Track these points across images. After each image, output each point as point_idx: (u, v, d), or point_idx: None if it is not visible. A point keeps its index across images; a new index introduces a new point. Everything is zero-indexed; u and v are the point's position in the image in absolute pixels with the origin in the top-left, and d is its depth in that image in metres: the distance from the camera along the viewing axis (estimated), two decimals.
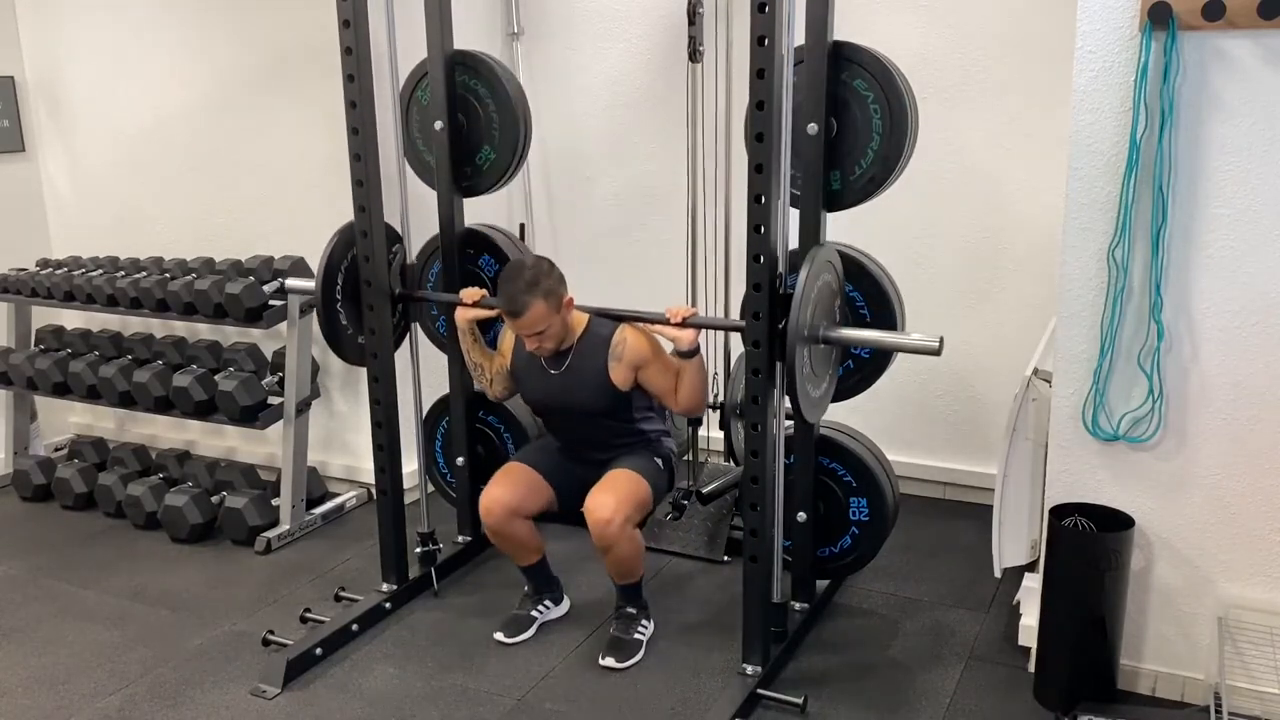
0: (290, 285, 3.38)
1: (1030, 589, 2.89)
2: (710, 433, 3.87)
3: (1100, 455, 2.61)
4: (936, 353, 2.54)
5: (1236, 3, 2.25)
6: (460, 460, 3.49)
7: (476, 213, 3.40)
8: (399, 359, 3.20)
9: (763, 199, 2.45)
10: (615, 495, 2.83)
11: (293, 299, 3.72)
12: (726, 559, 3.50)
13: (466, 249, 3.35)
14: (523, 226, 4.21)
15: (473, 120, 3.24)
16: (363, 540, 3.74)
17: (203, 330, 4.29)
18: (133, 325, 4.38)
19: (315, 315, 3.87)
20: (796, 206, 2.73)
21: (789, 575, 2.99)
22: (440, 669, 2.95)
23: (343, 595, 3.26)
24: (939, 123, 3.48)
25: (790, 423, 2.96)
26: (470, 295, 3.05)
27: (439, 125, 3.19)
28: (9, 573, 3.62)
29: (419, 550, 3.33)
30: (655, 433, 3.08)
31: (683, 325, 2.78)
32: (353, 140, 2.97)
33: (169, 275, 3.99)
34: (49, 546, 3.82)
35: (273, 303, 3.76)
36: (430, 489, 3.55)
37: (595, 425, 3.00)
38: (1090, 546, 2.55)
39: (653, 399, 2.99)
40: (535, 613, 3.13)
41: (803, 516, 2.99)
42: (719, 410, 3.60)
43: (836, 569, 3.15)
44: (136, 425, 4.66)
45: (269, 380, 3.91)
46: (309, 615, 3.15)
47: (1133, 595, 2.63)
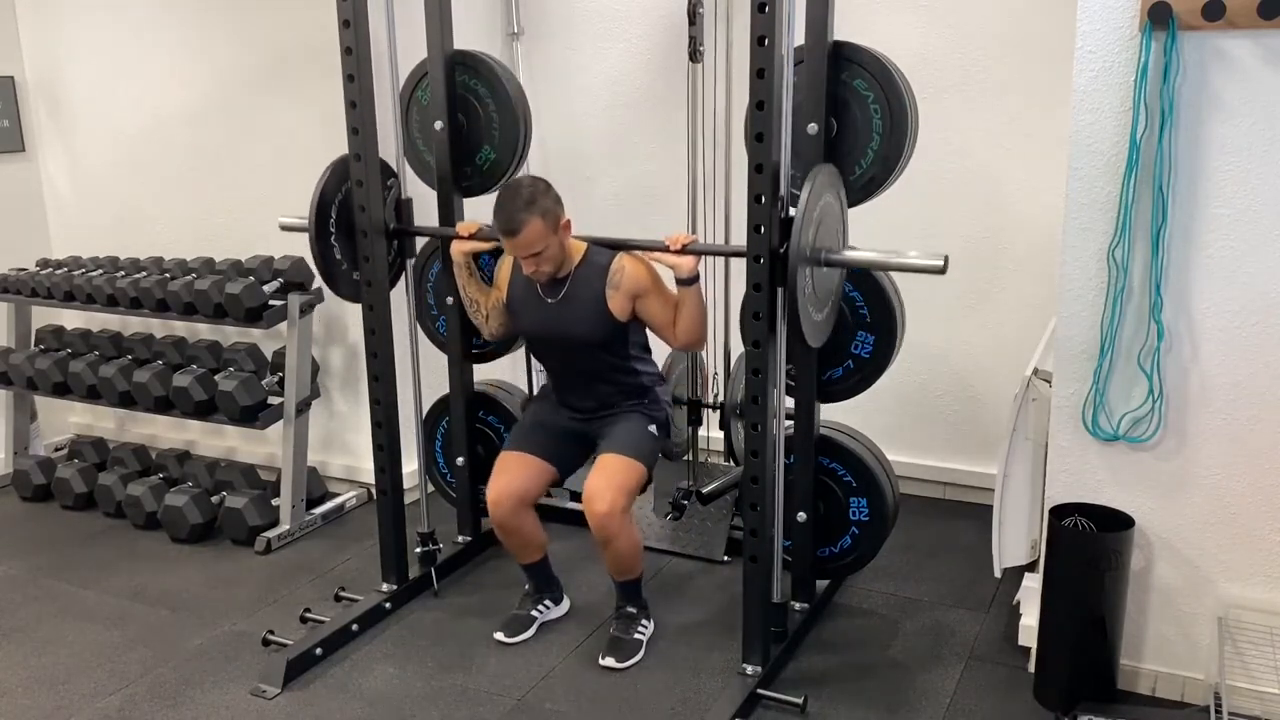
0: (284, 222, 3.23)
1: (1030, 589, 2.89)
2: (710, 433, 3.86)
3: (1100, 455, 2.61)
4: (941, 271, 2.48)
5: (1236, 3, 2.25)
6: (460, 460, 3.49)
7: (477, 213, 3.40)
8: (399, 359, 3.20)
9: (763, 199, 2.45)
10: (611, 485, 2.82)
11: (292, 300, 3.73)
12: (726, 559, 3.50)
13: None
14: None
15: (473, 120, 3.24)
16: (363, 540, 3.74)
17: (203, 330, 4.29)
18: (133, 325, 4.38)
19: (313, 313, 3.89)
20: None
21: (789, 575, 2.98)
22: (440, 669, 2.95)
23: (343, 595, 3.26)
24: (939, 123, 3.48)
25: (790, 423, 2.97)
26: (467, 228, 3.04)
27: (439, 125, 3.20)
28: (9, 573, 3.62)
29: (419, 550, 3.33)
30: (650, 377, 3.03)
31: (682, 252, 2.74)
32: (353, 140, 2.97)
33: (169, 275, 3.98)
34: (49, 546, 3.82)
35: (273, 303, 3.76)
36: (430, 489, 3.55)
37: (591, 359, 2.95)
38: (1090, 546, 2.55)
39: (648, 340, 2.94)
40: (535, 612, 3.13)
41: (803, 516, 2.99)
42: (719, 410, 3.60)
43: (836, 569, 3.15)
44: (136, 425, 4.66)
45: (269, 380, 3.91)
46: (309, 615, 3.15)
47: (1133, 595, 2.63)
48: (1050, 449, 2.68)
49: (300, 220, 3.09)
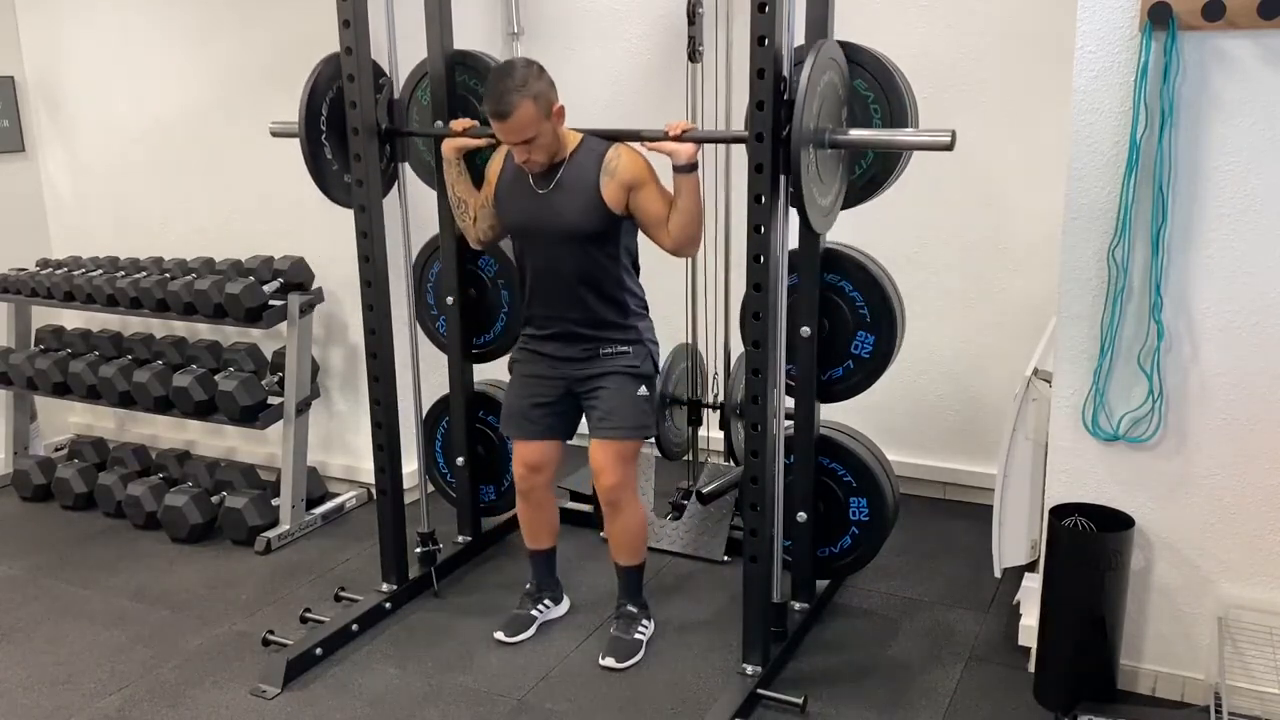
0: (274, 128, 3.17)
1: (1030, 589, 2.89)
2: (710, 433, 3.86)
3: (1100, 455, 2.61)
4: (949, 147, 2.44)
5: (1236, 3, 2.25)
6: (460, 460, 3.49)
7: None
8: (399, 359, 3.19)
9: (762, 199, 2.45)
10: (615, 459, 2.85)
11: (292, 300, 3.72)
12: (726, 559, 3.50)
13: (467, 248, 3.34)
14: None
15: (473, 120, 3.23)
16: (363, 540, 3.74)
17: (203, 330, 4.29)
18: (133, 325, 4.38)
19: (313, 313, 3.88)
20: (796, 206, 2.73)
21: (789, 575, 2.99)
22: (440, 669, 2.95)
23: (343, 595, 3.26)
24: (939, 123, 3.46)
25: (790, 423, 2.97)
26: (460, 124, 2.96)
27: (439, 125, 3.19)
28: (9, 573, 3.62)
29: (419, 550, 3.33)
30: (636, 301, 2.90)
31: (680, 138, 2.66)
32: (353, 140, 2.97)
33: (169, 275, 3.98)
34: (49, 546, 3.82)
35: (273, 303, 3.76)
36: (430, 489, 3.55)
37: (579, 256, 2.78)
38: (1090, 546, 2.55)
39: (638, 256, 2.88)
40: (535, 612, 3.13)
41: (803, 516, 2.99)
42: (719, 410, 3.61)
43: (836, 569, 3.15)
44: (136, 425, 4.66)
45: (269, 380, 3.91)
46: (309, 615, 3.15)
47: (1133, 595, 2.63)
48: (1050, 449, 2.68)
49: (290, 125, 3.03)
